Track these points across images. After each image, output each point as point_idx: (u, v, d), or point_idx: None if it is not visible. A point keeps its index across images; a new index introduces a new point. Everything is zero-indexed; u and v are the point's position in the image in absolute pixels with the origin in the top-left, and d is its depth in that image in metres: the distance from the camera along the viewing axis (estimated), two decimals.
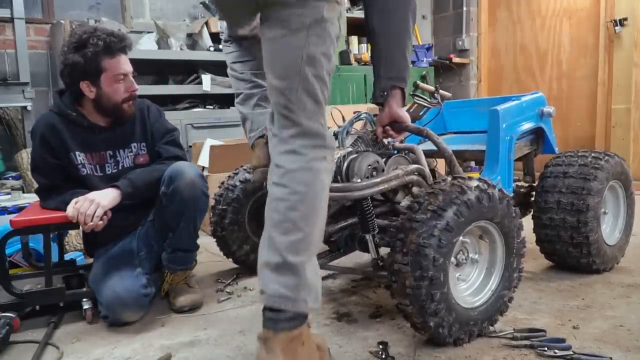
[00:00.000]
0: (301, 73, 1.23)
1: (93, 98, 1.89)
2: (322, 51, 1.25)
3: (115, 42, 1.86)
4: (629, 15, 4.08)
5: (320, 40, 1.24)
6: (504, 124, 2.04)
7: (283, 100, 1.25)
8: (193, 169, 1.92)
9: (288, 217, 1.22)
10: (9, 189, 2.90)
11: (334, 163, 1.34)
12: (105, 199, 1.80)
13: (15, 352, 1.64)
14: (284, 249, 1.22)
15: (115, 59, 1.87)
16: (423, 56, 5.05)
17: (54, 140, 1.88)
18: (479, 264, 1.65)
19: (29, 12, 3.56)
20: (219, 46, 4.16)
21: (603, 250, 2.09)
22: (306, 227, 1.23)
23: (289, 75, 1.24)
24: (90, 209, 1.76)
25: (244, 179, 2.25)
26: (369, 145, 1.87)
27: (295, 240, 1.22)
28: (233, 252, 2.30)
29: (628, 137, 4.16)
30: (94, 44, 1.82)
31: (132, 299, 1.79)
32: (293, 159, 1.25)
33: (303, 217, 1.23)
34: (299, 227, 1.22)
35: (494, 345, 1.54)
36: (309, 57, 1.23)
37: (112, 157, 1.97)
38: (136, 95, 1.97)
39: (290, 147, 1.26)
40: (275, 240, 1.23)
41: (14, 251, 2.19)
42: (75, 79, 1.87)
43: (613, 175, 2.13)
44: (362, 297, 2.00)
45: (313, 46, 1.23)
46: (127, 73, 1.92)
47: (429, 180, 1.77)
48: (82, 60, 1.82)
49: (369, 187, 1.63)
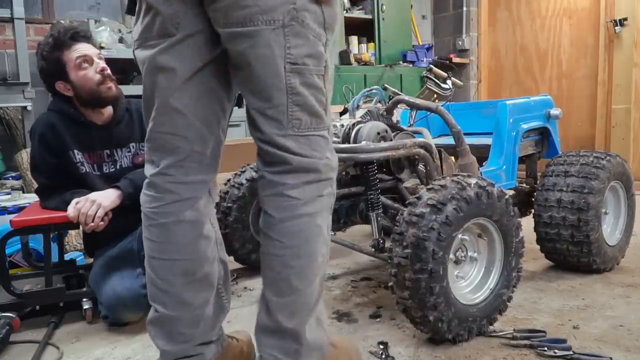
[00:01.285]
0: (288, 86, 1.04)
1: (73, 95, 1.90)
2: (306, 53, 1.04)
3: (63, 33, 1.87)
4: (629, 15, 4.08)
5: (301, 39, 1.03)
6: (511, 119, 2.07)
7: (270, 127, 1.06)
8: None
9: (282, 275, 1.09)
10: (9, 189, 2.90)
11: (334, 189, 1.15)
12: (106, 199, 1.80)
13: (15, 352, 1.64)
14: (279, 312, 1.10)
15: (72, 49, 1.87)
16: (423, 56, 5.05)
17: (53, 139, 1.88)
18: (478, 263, 1.66)
19: (29, 12, 3.56)
20: None
21: (603, 250, 2.09)
22: (302, 284, 1.10)
23: (275, 90, 1.04)
24: (92, 209, 1.76)
25: (250, 177, 2.26)
26: (379, 121, 1.91)
27: (290, 302, 1.10)
28: (235, 251, 2.30)
29: (628, 137, 4.16)
30: (47, 42, 1.86)
31: (133, 299, 1.78)
32: (283, 206, 1.08)
33: (298, 274, 1.09)
34: (293, 288, 1.09)
35: (494, 345, 1.54)
36: (291, 64, 1.03)
37: (110, 157, 1.97)
38: (109, 74, 1.91)
39: (277, 190, 1.09)
40: (270, 303, 1.11)
41: (14, 251, 2.19)
42: (50, 83, 1.89)
43: (614, 175, 2.13)
44: (362, 297, 2.00)
45: (295, 49, 1.02)
46: (87, 55, 1.88)
47: (435, 157, 1.80)
48: (44, 63, 1.86)
49: (377, 151, 1.67)
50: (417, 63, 5.00)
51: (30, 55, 3.26)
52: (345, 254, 2.56)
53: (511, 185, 2.18)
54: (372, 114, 1.94)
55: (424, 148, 1.79)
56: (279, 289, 1.10)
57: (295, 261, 1.09)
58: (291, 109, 1.05)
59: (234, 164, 2.42)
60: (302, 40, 1.03)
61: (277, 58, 1.02)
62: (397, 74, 4.67)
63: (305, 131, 1.08)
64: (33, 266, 2.09)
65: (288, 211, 1.08)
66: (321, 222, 1.11)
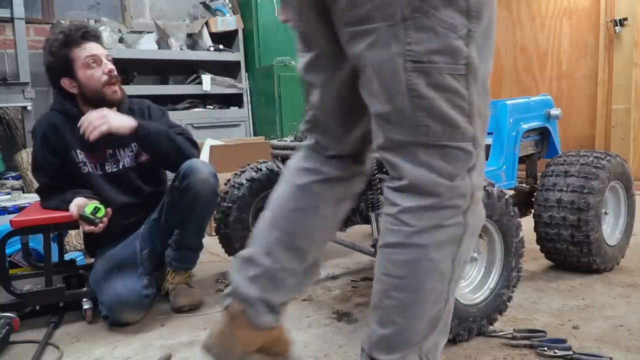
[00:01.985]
0: (409, 87, 0.89)
1: (78, 93, 1.90)
2: (433, 48, 0.88)
3: (74, 31, 1.88)
4: (629, 15, 4.08)
5: (426, 32, 0.87)
6: (511, 119, 2.07)
7: (394, 133, 0.93)
8: (207, 166, 1.92)
9: (382, 304, 0.97)
10: (9, 189, 2.90)
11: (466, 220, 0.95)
12: (117, 121, 1.81)
13: (15, 352, 1.63)
14: (374, 342, 0.98)
15: (81, 47, 1.88)
16: None
17: (55, 139, 1.89)
18: (478, 263, 1.66)
19: (29, 12, 3.57)
20: (219, 46, 4.17)
21: (603, 250, 2.09)
22: (401, 319, 0.95)
23: (396, 93, 0.90)
24: (98, 121, 1.77)
25: (250, 177, 2.26)
26: None
27: (386, 335, 0.96)
28: (235, 250, 2.29)
29: (628, 137, 4.16)
30: (56, 39, 1.86)
31: (134, 300, 1.78)
32: (392, 229, 0.95)
33: (398, 307, 0.95)
34: (391, 319, 0.96)
35: (494, 345, 1.54)
36: (413, 62, 0.88)
37: (112, 156, 1.97)
38: (116, 75, 1.92)
39: (390, 210, 0.96)
40: (370, 326, 0.99)
41: (14, 251, 2.19)
42: (55, 79, 1.89)
43: (614, 175, 2.13)
44: (362, 297, 2.00)
45: (416, 45, 0.88)
46: (96, 55, 1.89)
47: None
48: (52, 59, 1.86)
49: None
50: None
51: (30, 55, 3.27)
52: (345, 254, 2.56)
53: (511, 185, 2.19)
54: None
55: None
56: (378, 317, 0.98)
57: (397, 293, 0.95)
58: (416, 114, 0.90)
59: (234, 164, 2.42)
60: (428, 33, 0.87)
61: (395, 56, 0.89)
62: None
63: (437, 140, 0.91)
64: (33, 266, 2.09)
65: (396, 236, 0.94)
66: (437, 256, 0.93)
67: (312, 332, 1.69)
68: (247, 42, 4.30)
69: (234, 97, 4.34)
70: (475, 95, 0.92)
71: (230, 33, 4.27)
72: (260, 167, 2.30)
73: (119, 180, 1.97)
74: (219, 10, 4.30)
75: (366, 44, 0.91)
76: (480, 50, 0.91)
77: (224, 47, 4.19)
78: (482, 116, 0.95)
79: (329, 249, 2.65)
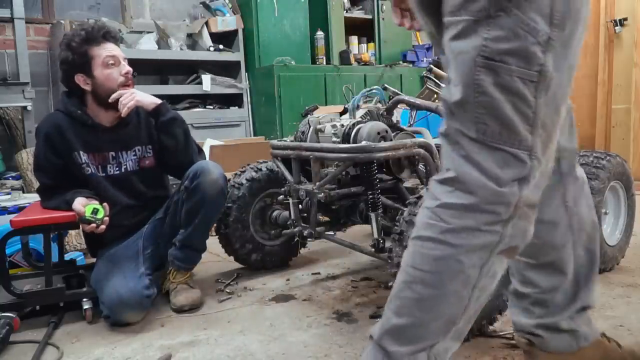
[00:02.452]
0: (475, 82, 0.89)
1: (90, 90, 1.91)
2: (507, 48, 0.86)
3: (96, 30, 1.91)
4: (629, 15, 4.08)
5: (505, 31, 0.86)
6: None
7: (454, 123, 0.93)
8: (218, 168, 1.95)
9: (402, 294, 0.95)
10: (9, 189, 2.90)
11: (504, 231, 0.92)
12: (143, 97, 1.95)
13: (15, 352, 1.63)
14: (386, 329, 0.95)
15: (101, 46, 1.90)
16: (423, 56, 5.05)
17: (58, 140, 1.89)
18: None
19: (29, 12, 3.56)
20: (219, 46, 4.17)
21: (603, 250, 2.08)
22: (419, 312, 0.93)
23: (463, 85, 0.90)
24: (128, 98, 1.90)
25: (250, 177, 2.26)
26: (379, 121, 1.93)
27: (400, 326, 0.94)
28: (235, 250, 2.30)
29: (628, 137, 4.16)
30: (77, 34, 1.89)
31: (135, 300, 1.78)
32: (426, 222, 0.94)
33: (417, 300, 0.93)
34: (408, 311, 0.94)
35: (494, 345, 1.54)
36: (485, 58, 0.88)
37: (115, 159, 1.97)
38: (132, 78, 1.97)
39: (430, 204, 0.94)
40: (385, 314, 0.97)
41: (14, 251, 2.19)
42: (69, 74, 1.90)
43: (614, 175, 2.13)
44: (362, 297, 2.00)
45: (492, 42, 0.87)
46: (115, 56, 1.93)
47: (435, 157, 1.80)
48: (70, 54, 1.87)
49: (377, 151, 1.68)
50: (417, 63, 5.00)
51: (30, 55, 3.26)
52: (345, 254, 2.56)
53: None
54: (372, 114, 1.95)
55: (424, 148, 1.79)
56: (396, 306, 0.96)
57: (419, 287, 0.93)
58: (477, 110, 0.90)
59: (234, 164, 2.42)
60: (506, 32, 0.86)
61: (472, 50, 0.88)
62: (397, 74, 4.67)
63: (493, 141, 0.90)
64: (33, 266, 2.09)
65: (430, 231, 0.92)
66: (466, 259, 0.91)
67: (312, 332, 1.69)
68: (247, 42, 4.30)
69: (234, 97, 4.33)
70: (542, 106, 0.90)
71: (230, 33, 4.26)
72: (260, 167, 2.31)
73: (121, 183, 1.97)
74: (219, 10, 4.30)
75: (453, 34, 0.91)
76: (557, 59, 0.89)
77: (224, 47, 4.19)
78: (546, 129, 0.92)
79: (329, 249, 2.67)
